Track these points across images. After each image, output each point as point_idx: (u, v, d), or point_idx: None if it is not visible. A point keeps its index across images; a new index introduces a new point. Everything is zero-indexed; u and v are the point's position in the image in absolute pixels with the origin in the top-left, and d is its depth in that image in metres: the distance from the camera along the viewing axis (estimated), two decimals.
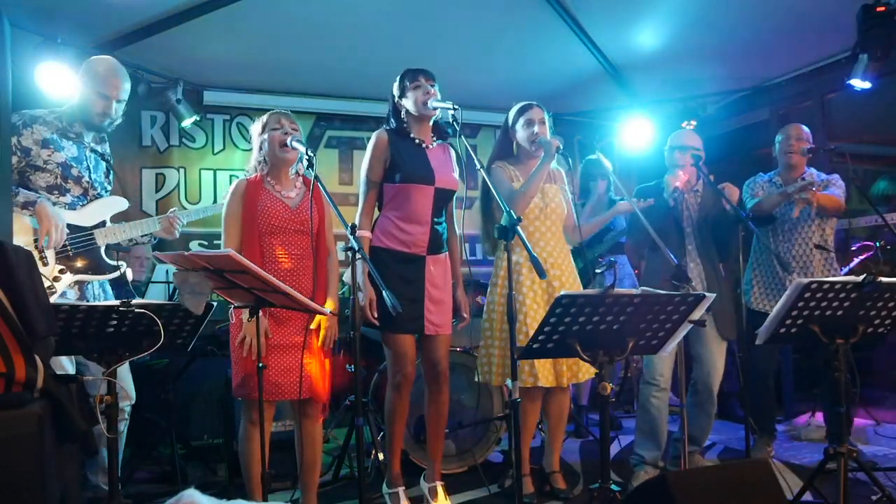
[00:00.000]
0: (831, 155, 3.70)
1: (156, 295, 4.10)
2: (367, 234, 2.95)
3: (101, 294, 2.88)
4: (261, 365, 2.34)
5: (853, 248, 4.61)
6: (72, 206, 2.79)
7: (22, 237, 2.63)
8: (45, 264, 2.67)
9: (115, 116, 2.88)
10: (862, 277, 2.35)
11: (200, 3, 3.79)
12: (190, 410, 4.15)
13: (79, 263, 2.77)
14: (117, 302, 2.19)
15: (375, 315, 2.88)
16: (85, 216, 2.82)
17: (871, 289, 2.36)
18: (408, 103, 2.94)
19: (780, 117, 5.07)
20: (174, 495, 1.54)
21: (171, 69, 4.50)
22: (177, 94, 4.47)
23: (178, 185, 4.91)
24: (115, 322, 2.20)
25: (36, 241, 2.66)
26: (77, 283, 2.77)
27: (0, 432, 1.50)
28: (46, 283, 2.62)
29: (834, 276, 3.60)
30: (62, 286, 2.70)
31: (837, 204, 3.53)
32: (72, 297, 2.74)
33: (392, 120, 3.02)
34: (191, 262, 2.24)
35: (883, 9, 3.64)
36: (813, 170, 3.72)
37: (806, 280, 2.33)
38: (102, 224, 2.86)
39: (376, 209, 3.07)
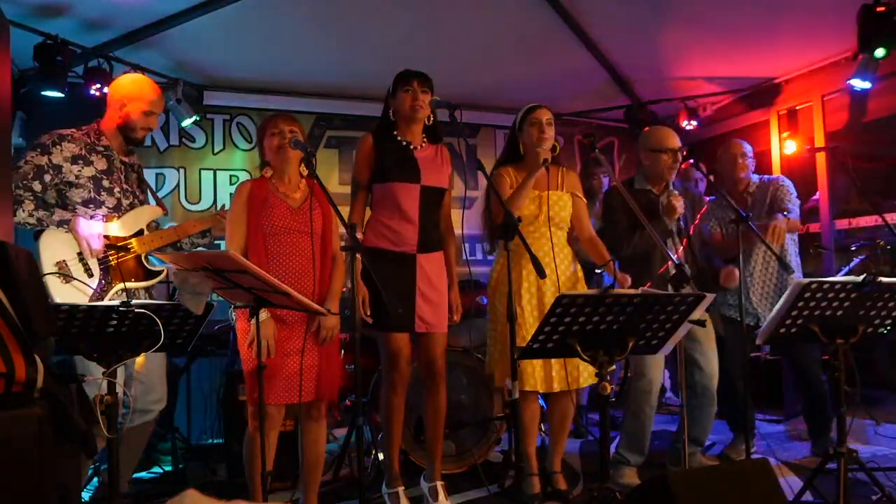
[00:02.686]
0: (831, 155, 3.71)
1: (156, 295, 4.10)
2: (357, 235, 2.96)
3: (144, 300, 2.90)
4: (261, 364, 2.34)
5: (853, 248, 4.61)
6: (108, 218, 2.85)
7: (66, 252, 2.73)
8: (91, 275, 2.76)
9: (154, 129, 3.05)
10: (862, 277, 2.35)
11: (200, 2, 3.79)
12: (190, 410, 4.16)
13: (122, 272, 2.83)
14: (117, 302, 2.19)
15: (368, 313, 2.89)
16: (122, 226, 2.88)
17: (871, 289, 2.36)
18: (396, 104, 2.97)
19: (780, 117, 5.08)
20: (174, 495, 1.54)
21: (171, 69, 4.50)
22: (177, 94, 4.47)
23: (177, 185, 4.91)
24: (115, 322, 2.20)
25: (79, 253, 2.74)
26: (121, 291, 2.82)
27: (0, 432, 1.50)
28: (92, 293, 2.73)
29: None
30: (109, 295, 2.77)
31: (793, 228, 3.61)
32: None
33: (382, 119, 3.04)
34: (191, 261, 2.25)
35: (883, 9, 3.64)
36: (754, 177, 3.73)
37: (806, 280, 2.33)
38: (140, 233, 2.91)
39: (368, 210, 3.08)
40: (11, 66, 2.71)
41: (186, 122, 4.66)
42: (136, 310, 2.18)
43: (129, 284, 2.84)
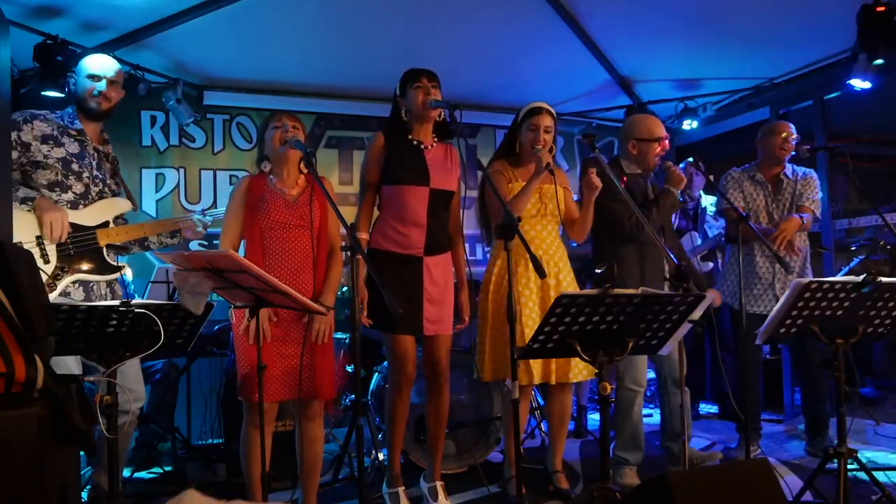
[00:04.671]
0: (831, 155, 3.72)
1: (156, 295, 4.10)
2: (364, 236, 2.96)
3: (108, 294, 2.88)
4: (261, 364, 2.34)
5: (853, 248, 4.62)
6: (74, 205, 2.80)
7: (25, 233, 2.63)
8: (47, 261, 2.68)
9: (111, 96, 2.88)
10: (862, 277, 2.35)
11: (200, 3, 3.79)
12: (190, 410, 4.16)
13: (80, 263, 2.76)
14: (117, 302, 2.19)
15: (366, 314, 2.89)
16: (87, 215, 2.82)
17: (871, 289, 2.36)
18: (407, 102, 2.94)
19: (780, 117, 5.08)
20: (174, 495, 1.54)
21: (171, 69, 4.50)
22: (177, 94, 4.46)
23: (177, 185, 4.91)
24: (115, 322, 2.19)
25: (39, 237, 2.67)
26: (80, 282, 2.77)
27: (0, 432, 1.49)
28: (45, 280, 2.64)
29: (808, 276, 3.65)
30: (62, 285, 2.70)
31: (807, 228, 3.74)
32: (77, 298, 2.74)
33: (392, 119, 3.02)
34: (191, 261, 2.24)
35: (883, 9, 3.64)
36: (789, 166, 3.78)
37: (806, 280, 2.33)
38: (105, 224, 2.86)
39: (376, 211, 3.07)
40: (11, 66, 2.70)
41: (186, 122, 4.66)
42: (136, 310, 2.18)
43: (86, 277, 2.77)
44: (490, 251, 3.25)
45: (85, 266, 2.78)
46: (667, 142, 3.39)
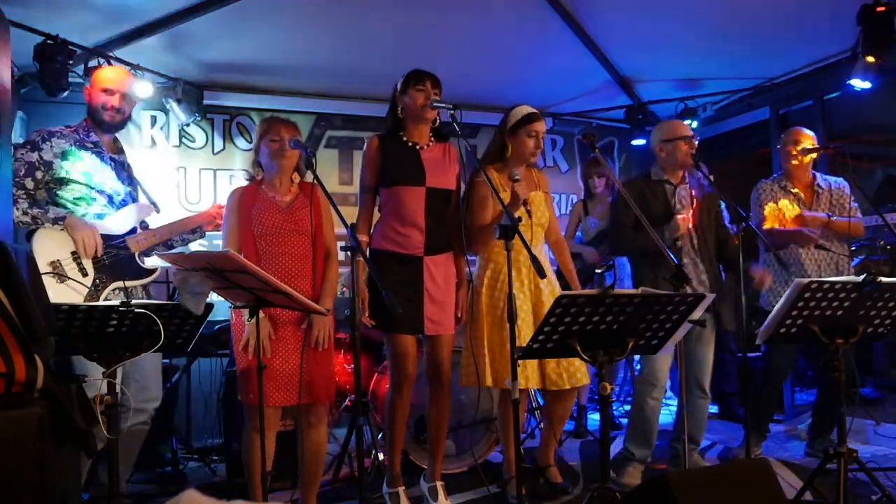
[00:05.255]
0: (832, 155, 3.71)
1: (156, 295, 4.10)
2: (364, 238, 2.96)
3: (144, 298, 2.91)
4: (261, 365, 2.34)
5: (853, 248, 4.61)
6: (100, 216, 2.84)
7: (61, 250, 2.70)
8: (85, 275, 2.74)
9: (125, 110, 2.93)
10: (862, 277, 2.35)
11: (200, 3, 3.79)
12: (190, 410, 4.16)
13: (116, 272, 2.81)
14: (117, 302, 2.19)
15: (367, 315, 2.88)
16: (114, 224, 2.86)
17: (871, 289, 2.36)
18: (407, 102, 2.94)
19: (780, 117, 5.08)
20: (174, 495, 1.54)
21: (171, 69, 4.50)
22: (177, 94, 4.47)
23: (177, 185, 4.91)
24: (115, 322, 2.20)
25: (74, 253, 2.72)
26: (118, 290, 2.81)
27: (0, 432, 1.50)
28: (87, 292, 2.70)
29: (840, 276, 3.62)
30: (103, 295, 2.76)
31: (848, 231, 3.59)
32: None
33: (388, 118, 3.02)
34: (191, 261, 2.25)
35: (883, 9, 3.64)
36: (819, 175, 3.74)
37: (806, 280, 2.33)
38: (133, 231, 2.90)
39: (377, 212, 3.07)
40: (11, 66, 2.71)
41: (186, 123, 4.66)
42: (137, 310, 2.18)
43: (126, 283, 2.82)
44: (478, 256, 3.18)
45: (121, 273, 2.83)
46: (695, 141, 3.38)
